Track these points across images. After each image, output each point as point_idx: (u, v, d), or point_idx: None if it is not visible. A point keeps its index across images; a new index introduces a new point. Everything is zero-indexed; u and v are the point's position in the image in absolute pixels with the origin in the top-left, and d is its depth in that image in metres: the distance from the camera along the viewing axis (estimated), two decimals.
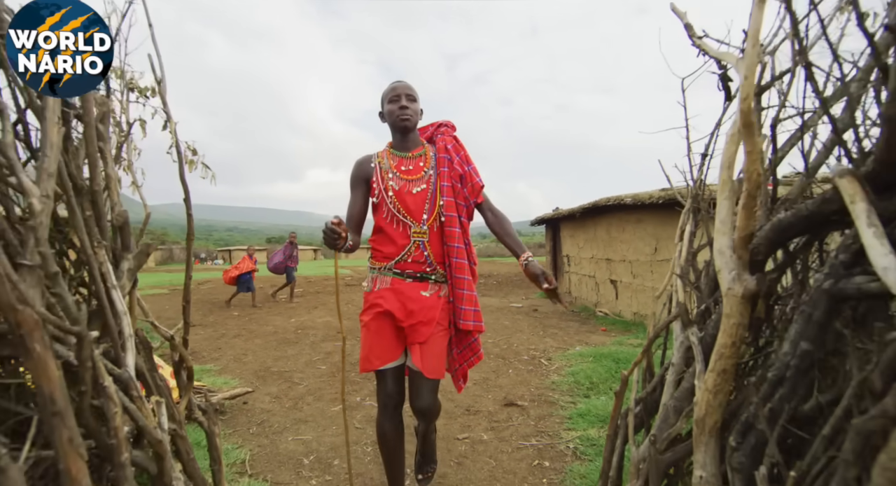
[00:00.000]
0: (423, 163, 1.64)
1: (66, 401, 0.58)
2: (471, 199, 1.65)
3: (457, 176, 1.63)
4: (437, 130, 1.74)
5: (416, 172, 1.62)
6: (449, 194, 1.60)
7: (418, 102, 1.63)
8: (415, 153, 1.65)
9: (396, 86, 1.61)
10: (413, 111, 1.59)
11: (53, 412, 0.57)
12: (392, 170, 1.61)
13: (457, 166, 1.63)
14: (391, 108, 1.60)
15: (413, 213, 1.58)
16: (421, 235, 1.59)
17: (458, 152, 1.65)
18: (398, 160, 1.64)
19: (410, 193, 1.59)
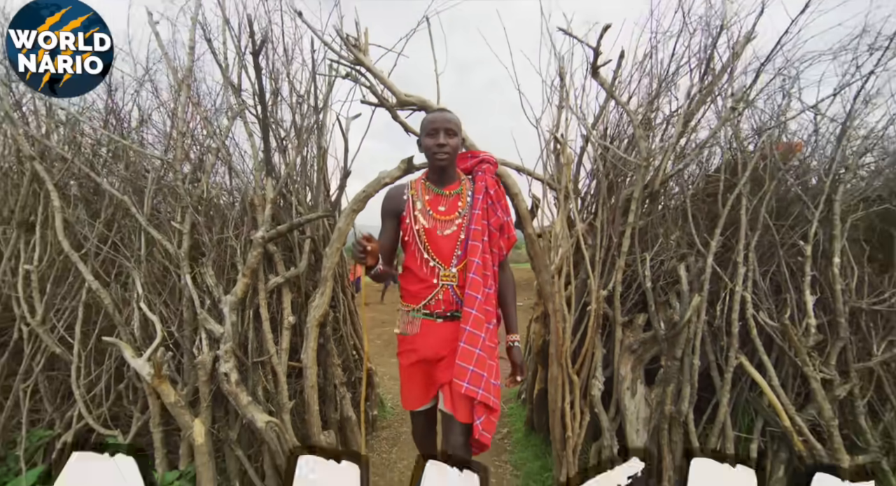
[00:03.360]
0: (461, 203, 1.54)
1: None
2: (505, 250, 1.59)
3: (497, 224, 1.53)
4: (479, 166, 1.60)
5: (450, 212, 1.53)
6: (477, 239, 1.47)
7: (459, 135, 1.51)
8: (451, 191, 1.55)
9: (436, 118, 1.50)
10: (452, 148, 1.48)
11: None
12: (425, 206, 1.53)
13: (500, 215, 1.54)
14: (428, 142, 1.49)
15: (443, 255, 1.50)
16: (450, 279, 1.50)
17: (500, 200, 1.56)
18: (434, 196, 1.55)
19: (443, 234, 1.51)
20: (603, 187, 2.17)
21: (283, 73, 2.28)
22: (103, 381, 2.11)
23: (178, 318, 2.08)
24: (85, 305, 2.13)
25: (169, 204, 2.23)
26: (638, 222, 2.07)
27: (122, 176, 2.26)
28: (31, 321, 2.06)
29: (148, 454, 1.99)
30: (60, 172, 2.15)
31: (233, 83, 2.25)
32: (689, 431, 1.89)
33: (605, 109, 2.22)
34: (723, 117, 1.97)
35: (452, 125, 1.49)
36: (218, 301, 2.01)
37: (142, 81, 2.34)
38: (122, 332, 2.06)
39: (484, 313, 1.45)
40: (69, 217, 2.15)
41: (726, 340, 1.88)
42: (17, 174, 2.26)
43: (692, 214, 2.06)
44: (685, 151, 2.12)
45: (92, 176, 2.17)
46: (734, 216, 1.99)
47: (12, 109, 2.16)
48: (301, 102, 2.31)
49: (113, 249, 2.18)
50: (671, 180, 2.17)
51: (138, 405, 2.10)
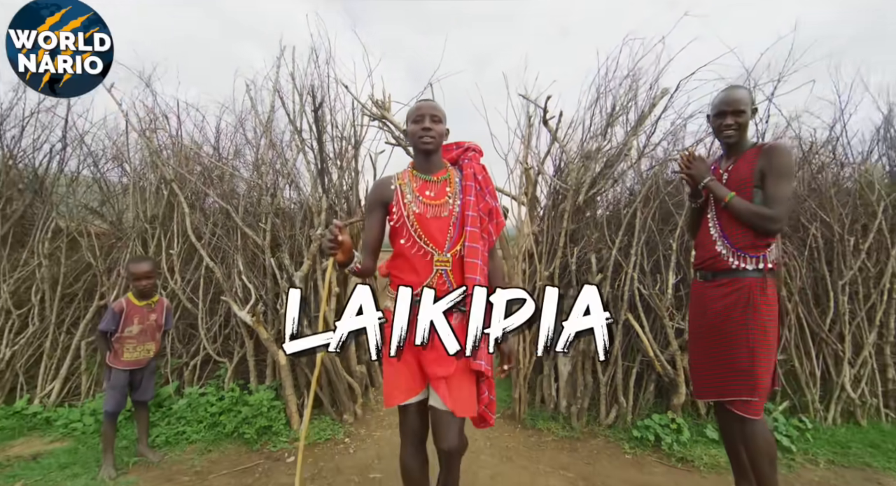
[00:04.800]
0: (449, 188, 1.54)
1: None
2: (494, 235, 1.60)
3: (486, 209, 1.55)
4: (465, 154, 1.63)
5: (439, 196, 1.53)
6: (474, 225, 1.49)
7: (444, 122, 1.54)
8: (439, 177, 1.56)
9: (422, 105, 1.53)
10: (437, 133, 1.51)
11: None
12: (414, 193, 1.53)
13: (488, 200, 1.56)
14: (414, 128, 1.52)
15: (436, 240, 1.49)
16: (444, 264, 1.48)
17: (488, 185, 1.58)
18: (421, 183, 1.55)
19: (434, 218, 1.50)
20: (549, 203, 3.19)
21: (331, 121, 3.34)
22: (216, 326, 3.23)
23: (265, 286, 3.17)
24: (203, 276, 3.25)
25: (255, 211, 3.32)
26: (570, 227, 3.08)
27: (224, 192, 3.37)
28: (172, 285, 3.19)
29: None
30: (188, 189, 3.27)
31: (297, 128, 3.32)
32: (594, 362, 2.91)
33: (551, 148, 3.22)
34: (623, 155, 2.96)
35: (438, 112, 1.52)
36: (291, 276, 3.09)
37: (236, 126, 3.43)
38: (228, 294, 3.17)
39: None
40: (193, 219, 3.27)
41: (621, 303, 2.88)
42: (158, 191, 3.38)
43: (607, 221, 3.07)
44: (603, 177, 3.11)
45: (207, 192, 3.28)
46: (632, 223, 2.99)
47: (155, 153, 3.28)
48: (343, 141, 3.37)
49: (220, 240, 3.29)
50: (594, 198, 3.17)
51: (238, 342, 3.22)
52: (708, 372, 1.92)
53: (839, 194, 2.98)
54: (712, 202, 1.93)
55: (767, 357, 1.80)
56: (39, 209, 3.29)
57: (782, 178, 1.78)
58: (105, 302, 3.24)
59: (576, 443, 2.74)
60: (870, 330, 2.79)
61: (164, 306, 2.62)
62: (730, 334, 1.83)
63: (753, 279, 1.80)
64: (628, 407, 2.80)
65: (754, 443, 1.79)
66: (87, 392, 3.11)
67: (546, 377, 3.07)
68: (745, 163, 1.87)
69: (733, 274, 1.84)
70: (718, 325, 1.86)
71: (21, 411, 2.91)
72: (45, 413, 2.91)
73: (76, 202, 3.49)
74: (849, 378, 2.76)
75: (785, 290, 2.82)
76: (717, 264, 1.88)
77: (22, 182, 3.32)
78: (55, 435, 2.75)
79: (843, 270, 2.82)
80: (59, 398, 3.06)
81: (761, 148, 1.86)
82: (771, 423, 2.61)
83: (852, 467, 2.40)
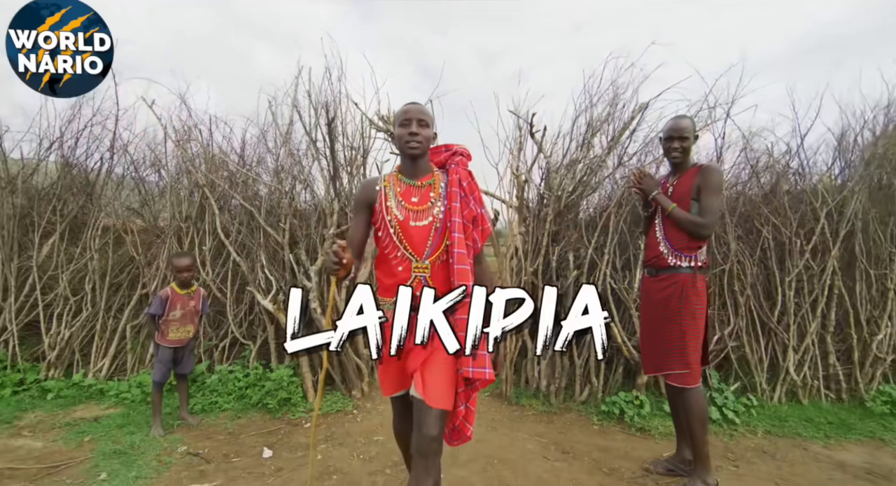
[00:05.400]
0: (433, 193, 1.53)
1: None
2: (479, 242, 1.58)
3: (470, 216, 1.53)
4: (452, 158, 1.60)
5: (422, 202, 1.52)
6: (459, 231, 1.48)
7: (431, 127, 1.54)
8: (424, 182, 1.55)
9: (409, 109, 1.52)
10: (423, 137, 1.50)
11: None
12: (398, 198, 1.52)
13: (472, 207, 1.54)
14: (400, 132, 1.51)
15: (416, 246, 1.48)
16: (422, 271, 1.48)
17: (474, 192, 1.56)
18: (406, 188, 1.54)
19: (416, 225, 1.49)
20: (534, 206, 3.60)
21: (343, 133, 3.77)
22: (242, 313, 3.70)
23: (284, 278, 3.63)
24: (231, 269, 3.72)
25: (276, 212, 3.77)
26: (552, 228, 3.49)
27: (248, 195, 3.83)
28: (204, 277, 3.66)
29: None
30: (217, 193, 3.73)
31: (313, 139, 3.76)
32: (572, 348, 3.32)
33: (537, 158, 3.63)
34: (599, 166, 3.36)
35: (425, 116, 1.52)
36: (307, 269, 3.55)
37: (259, 137, 3.89)
38: (252, 285, 3.63)
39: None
40: (221, 219, 3.73)
41: None
42: (191, 194, 3.85)
43: (585, 223, 3.47)
44: (582, 185, 3.51)
45: (232, 194, 3.74)
46: (607, 225, 3.38)
47: (189, 161, 3.74)
48: (353, 150, 3.81)
49: (245, 238, 3.75)
50: (576, 202, 3.57)
51: (261, 327, 3.68)
52: (650, 351, 2.34)
53: (792, 202, 3.35)
54: (660, 211, 2.33)
55: (696, 338, 2.20)
56: (90, 210, 3.79)
57: (713, 193, 2.18)
58: (146, 291, 3.72)
59: (552, 417, 3.16)
60: (812, 321, 3.17)
61: (201, 294, 3.09)
62: (666, 320, 2.24)
63: (686, 275, 2.21)
64: (599, 386, 3.22)
65: (688, 407, 2.20)
66: (132, 369, 3.60)
67: (530, 361, 3.49)
68: (687, 179, 2.27)
69: (671, 270, 2.24)
70: (658, 312, 2.28)
71: (79, 383, 3.41)
72: (98, 385, 3.41)
73: (121, 204, 3.98)
74: (793, 363, 3.14)
75: (738, 284, 3.22)
76: (659, 262, 2.28)
77: (76, 186, 3.81)
78: (109, 403, 3.24)
79: (790, 268, 3.20)
80: (109, 373, 3.56)
81: (700, 168, 2.26)
82: (721, 400, 3.01)
83: (785, 436, 2.80)
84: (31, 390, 3.34)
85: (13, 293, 3.54)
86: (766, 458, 2.55)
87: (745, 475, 2.36)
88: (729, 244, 3.26)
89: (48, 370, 3.48)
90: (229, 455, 2.57)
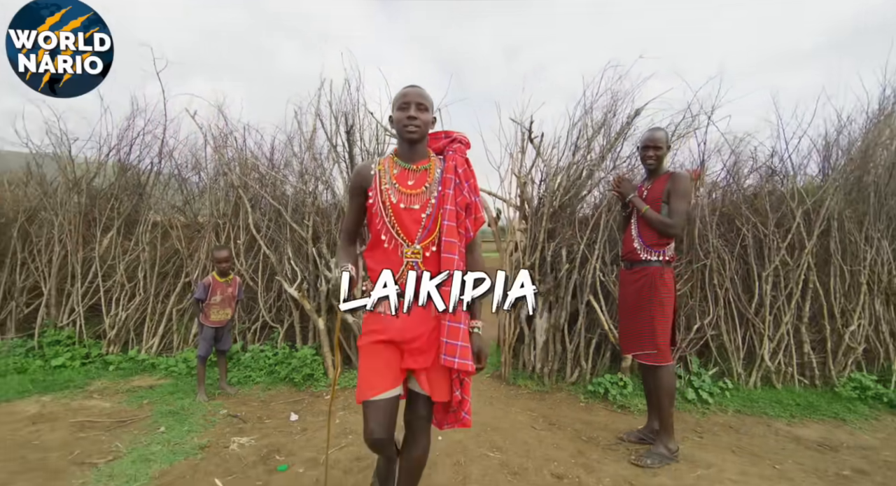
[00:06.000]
0: (429, 178, 1.51)
1: None
2: (472, 231, 1.55)
3: (463, 204, 1.51)
4: (450, 145, 1.58)
5: (417, 186, 1.50)
6: (451, 219, 1.46)
7: (430, 111, 1.52)
8: (420, 166, 1.53)
9: (408, 91, 1.49)
10: (422, 122, 1.48)
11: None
12: (392, 181, 1.50)
13: (466, 194, 1.52)
14: (399, 115, 1.49)
15: (408, 231, 1.47)
16: (414, 256, 1.47)
17: (469, 179, 1.54)
18: (401, 171, 1.52)
19: (408, 209, 1.47)
20: (533, 205, 3.94)
21: (360, 139, 4.19)
22: (271, 300, 4.18)
23: (308, 270, 4.08)
24: (261, 261, 4.20)
25: (300, 210, 4.23)
26: (548, 226, 3.83)
27: (276, 195, 4.30)
28: (238, 267, 4.15)
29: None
30: (249, 192, 4.21)
31: (333, 145, 4.19)
32: (563, 334, 3.67)
33: (536, 161, 3.97)
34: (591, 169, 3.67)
35: (424, 100, 1.49)
36: (328, 262, 3.99)
37: (286, 143, 4.35)
38: (280, 275, 4.09)
39: None
40: (253, 216, 4.21)
41: (586, 288, 3.62)
42: (226, 194, 4.35)
43: (578, 221, 3.80)
44: (575, 186, 3.83)
45: (262, 194, 4.21)
46: (598, 223, 3.70)
47: (225, 163, 4.23)
48: (370, 155, 4.22)
49: (274, 233, 4.22)
50: (572, 201, 3.90)
51: (287, 312, 4.16)
52: (626, 334, 2.68)
53: (775, 202, 3.59)
54: (635, 211, 2.66)
55: (665, 323, 2.53)
56: (141, 208, 4.33)
57: (680, 197, 2.50)
58: (189, 279, 4.24)
59: (544, 395, 3.52)
60: (787, 312, 3.42)
61: (237, 282, 3.57)
62: (639, 307, 2.57)
63: (656, 268, 2.53)
64: (587, 369, 3.56)
65: (658, 383, 2.54)
66: (177, 347, 4.13)
67: (526, 346, 3.85)
68: (659, 184, 2.59)
69: (643, 264, 2.57)
70: (632, 300, 2.61)
71: (134, 357, 3.95)
72: (150, 360, 3.94)
73: (167, 202, 4.51)
74: (767, 351, 3.41)
75: (717, 278, 3.50)
76: (633, 256, 2.61)
77: (130, 187, 4.36)
78: (160, 375, 3.77)
79: (768, 263, 3.46)
80: (158, 350, 4.10)
81: (670, 175, 2.58)
82: (699, 383, 3.31)
83: (753, 415, 3.09)
84: (95, 363, 3.90)
85: (79, 280, 4.12)
86: (730, 432, 2.86)
87: (706, 445, 2.68)
88: (711, 242, 3.53)
89: (108, 346, 4.04)
90: (262, 418, 3.03)
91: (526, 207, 4.03)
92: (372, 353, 1.48)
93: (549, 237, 3.86)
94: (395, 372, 1.47)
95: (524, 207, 3.99)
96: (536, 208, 3.96)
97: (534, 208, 3.96)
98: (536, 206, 3.97)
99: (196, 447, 2.55)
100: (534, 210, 3.95)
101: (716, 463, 2.43)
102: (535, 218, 3.93)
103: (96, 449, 2.51)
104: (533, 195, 4.01)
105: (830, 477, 2.32)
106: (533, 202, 4.06)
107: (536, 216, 3.91)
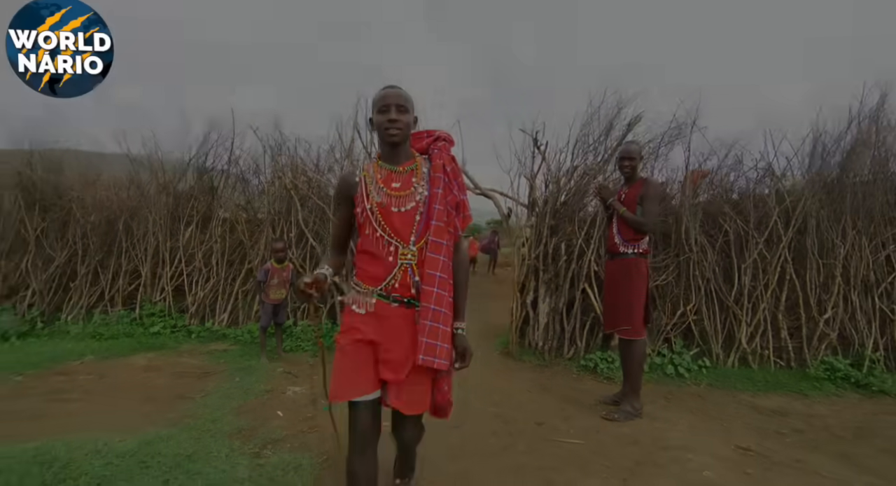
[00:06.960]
0: (416, 178, 1.48)
1: None
2: (460, 229, 1.54)
3: (452, 203, 1.49)
4: (434, 144, 1.55)
5: (405, 188, 1.46)
6: (440, 218, 1.44)
7: (411, 112, 1.48)
8: (405, 167, 1.49)
9: (387, 94, 1.45)
10: (403, 124, 1.44)
11: None
12: (378, 185, 1.46)
13: (456, 193, 1.50)
14: (379, 119, 1.45)
15: (400, 233, 1.43)
16: (409, 258, 1.44)
17: (457, 178, 1.53)
18: (387, 174, 1.48)
19: (398, 211, 1.44)
20: (539, 205, 4.50)
21: None
22: None
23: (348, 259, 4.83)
24: (309, 251, 5.02)
25: None
26: (551, 222, 4.38)
27: (322, 195, 5.09)
28: (290, 256, 4.99)
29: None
30: (299, 193, 5.03)
31: (369, 153, 4.91)
32: (562, 316, 4.23)
33: (541, 166, 4.52)
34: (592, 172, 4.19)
35: (404, 101, 1.46)
36: None
37: (329, 151, 5.14)
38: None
39: (447, 291, 1.46)
40: (303, 214, 5.03)
41: (583, 277, 4.15)
42: (281, 195, 5.20)
43: (577, 218, 4.33)
44: (577, 189, 4.35)
45: (310, 195, 5.02)
46: (595, 220, 4.21)
47: (280, 169, 5.08)
48: None
49: (319, 228, 5.02)
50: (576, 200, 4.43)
51: (330, 294, 4.95)
52: (608, 314, 3.23)
53: (758, 202, 3.97)
54: (615, 213, 3.20)
55: (639, 304, 3.05)
56: (214, 206, 5.27)
57: (651, 201, 3.02)
58: (251, 266, 5.14)
59: (543, 368, 4.11)
60: (763, 300, 3.81)
61: (291, 269, 4.38)
62: (618, 292, 3.11)
63: (632, 259, 3.06)
64: (582, 347, 4.11)
65: (631, 353, 3.07)
66: (242, 321, 5.04)
67: (531, 327, 4.44)
68: (634, 190, 3.11)
69: (621, 256, 3.11)
70: (613, 286, 3.16)
71: (210, 328, 4.90)
72: (222, 331, 4.87)
73: (233, 201, 5.44)
74: (745, 335, 3.82)
75: (698, 270, 3.94)
76: (614, 249, 3.15)
77: (205, 189, 5.32)
78: (230, 342, 4.68)
79: (747, 257, 3.85)
80: (227, 323, 5.02)
81: (643, 181, 3.09)
82: (679, 360, 3.78)
83: (723, 388, 3.54)
84: (181, 331, 4.89)
85: (168, 265, 5.11)
86: (696, 398, 3.35)
87: (670, 407, 3.19)
88: (695, 238, 3.97)
89: (190, 319, 5.02)
90: (311, 375, 3.82)
91: (534, 206, 4.61)
92: (352, 351, 1.44)
93: (553, 233, 4.41)
94: (369, 374, 1.44)
95: (533, 206, 4.57)
96: (542, 207, 4.52)
97: (540, 207, 4.53)
98: (542, 205, 4.53)
99: (262, 391, 3.36)
100: (540, 209, 4.52)
101: (672, 419, 2.95)
102: (539, 216, 4.49)
103: (192, 389, 3.38)
104: (539, 195, 4.58)
105: (768, 434, 2.79)
106: (539, 202, 4.62)
107: (541, 214, 4.48)
